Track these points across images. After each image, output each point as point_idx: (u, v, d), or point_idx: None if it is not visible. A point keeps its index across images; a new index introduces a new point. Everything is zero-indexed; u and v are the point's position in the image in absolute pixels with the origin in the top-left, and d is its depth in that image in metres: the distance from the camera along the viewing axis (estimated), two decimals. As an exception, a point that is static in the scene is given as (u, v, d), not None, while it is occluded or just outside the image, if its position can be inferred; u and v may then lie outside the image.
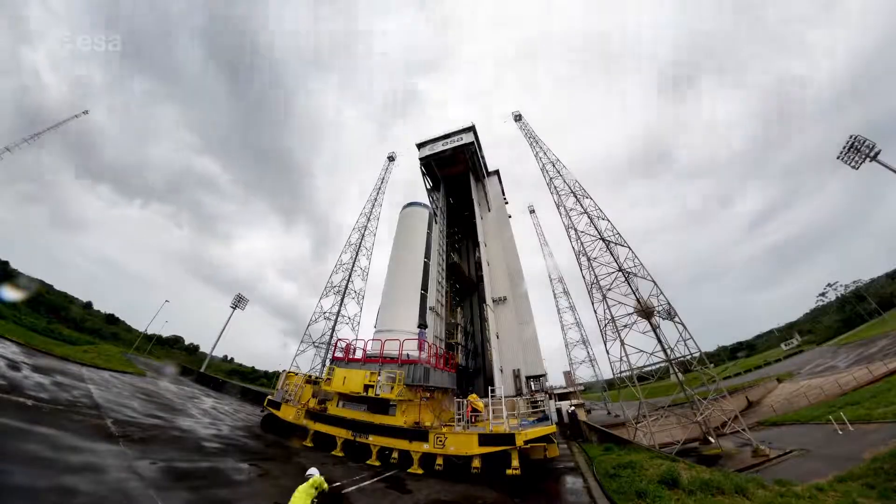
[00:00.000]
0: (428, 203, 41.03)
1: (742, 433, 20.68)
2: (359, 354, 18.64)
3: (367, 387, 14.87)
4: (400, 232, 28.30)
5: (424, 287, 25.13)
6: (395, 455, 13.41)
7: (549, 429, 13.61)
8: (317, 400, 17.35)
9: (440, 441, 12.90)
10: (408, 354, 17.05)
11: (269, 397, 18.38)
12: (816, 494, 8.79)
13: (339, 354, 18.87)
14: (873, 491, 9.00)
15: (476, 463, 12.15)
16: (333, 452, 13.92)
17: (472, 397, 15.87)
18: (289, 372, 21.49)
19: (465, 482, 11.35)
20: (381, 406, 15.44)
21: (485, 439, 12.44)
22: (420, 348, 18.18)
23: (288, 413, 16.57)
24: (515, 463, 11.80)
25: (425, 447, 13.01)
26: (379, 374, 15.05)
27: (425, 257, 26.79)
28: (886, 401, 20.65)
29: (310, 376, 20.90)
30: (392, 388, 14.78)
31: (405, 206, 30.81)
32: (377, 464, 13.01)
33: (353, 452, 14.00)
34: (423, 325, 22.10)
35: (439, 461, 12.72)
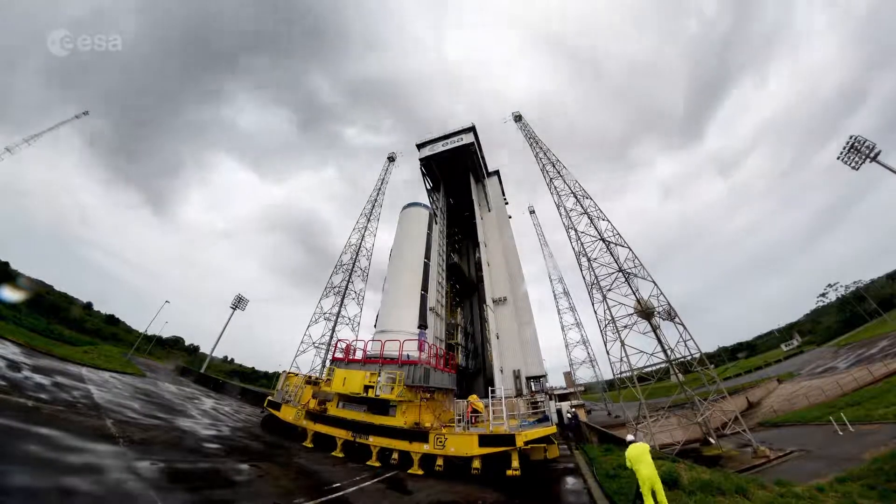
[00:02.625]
0: (428, 203, 40.97)
1: (742, 434, 20.67)
2: (359, 355, 18.58)
3: (366, 387, 14.87)
4: (400, 232, 28.35)
5: (425, 288, 24.88)
6: (395, 456, 13.45)
7: (549, 429, 13.67)
8: (317, 401, 17.16)
9: (440, 442, 12.95)
10: (408, 355, 16.88)
11: (270, 398, 18.52)
12: (817, 495, 8.78)
13: (339, 355, 18.92)
14: (874, 492, 9.00)
15: (476, 464, 12.22)
16: (333, 453, 14.00)
17: (472, 398, 15.91)
18: (289, 373, 21.53)
19: (465, 483, 11.43)
20: (381, 407, 15.43)
21: (485, 440, 12.49)
22: (420, 349, 18.07)
23: (288, 414, 16.69)
24: (515, 464, 11.89)
25: (425, 448, 13.03)
26: (379, 375, 15.00)
27: (425, 258, 26.51)
28: (887, 401, 20.64)
29: (310, 377, 20.96)
30: (392, 388, 14.78)
31: (405, 207, 30.90)
32: (377, 464, 13.08)
33: (353, 453, 14.06)
34: (423, 325, 21.96)
35: (439, 462, 12.76)
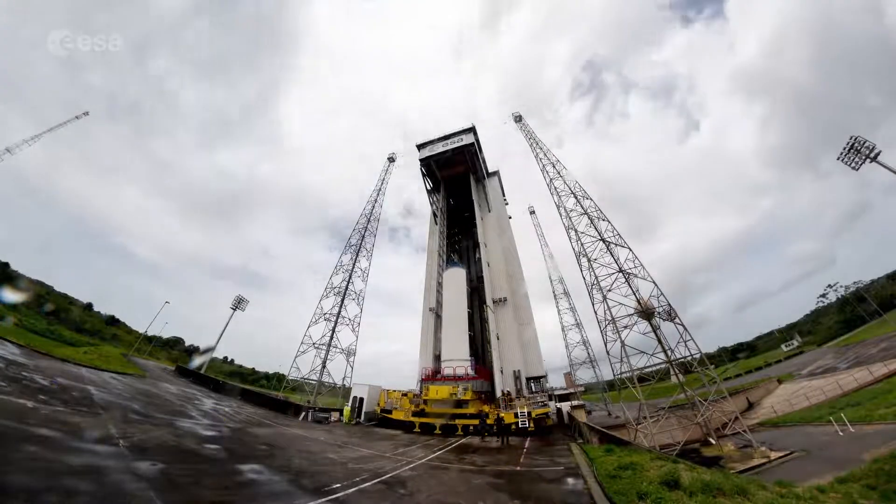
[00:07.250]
0: (456, 260, 45.46)
1: (743, 434, 20.65)
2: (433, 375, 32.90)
3: (451, 394, 26.94)
4: (447, 289, 38.88)
5: (471, 329, 37.33)
6: (471, 428, 24.32)
7: (546, 409, 25.45)
8: (414, 405, 27.21)
9: (494, 416, 23.38)
10: (466, 373, 30.39)
11: (383, 406, 29.10)
12: (817, 495, 8.76)
13: (426, 376, 33.13)
14: (874, 492, 8.99)
15: (513, 427, 23.01)
16: (435, 432, 24.47)
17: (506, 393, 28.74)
18: (389, 391, 31.55)
19: (506, 434, 21.09)
20: (460, 404, 26.77)
21: (515, 415, 23.90)
22: (473, 369, 31.38)
23: (398, 415, 27.12)
24: (531, 425, 23.26)
25: (487, 421, 23.26)
26: (458, 387, 27.19)
27: (468, 308, 38.60)
28: (887, 402, 20.63)
29: (405, 392, 31.19)
30: (466, 393, 26.96)
31: (447, 268, 41.43)
32: (462, 433, 23.96)
33: (446, 431, 24.66)
34: (473, 355, 33.72)
35: (495, 428, 22.09)
